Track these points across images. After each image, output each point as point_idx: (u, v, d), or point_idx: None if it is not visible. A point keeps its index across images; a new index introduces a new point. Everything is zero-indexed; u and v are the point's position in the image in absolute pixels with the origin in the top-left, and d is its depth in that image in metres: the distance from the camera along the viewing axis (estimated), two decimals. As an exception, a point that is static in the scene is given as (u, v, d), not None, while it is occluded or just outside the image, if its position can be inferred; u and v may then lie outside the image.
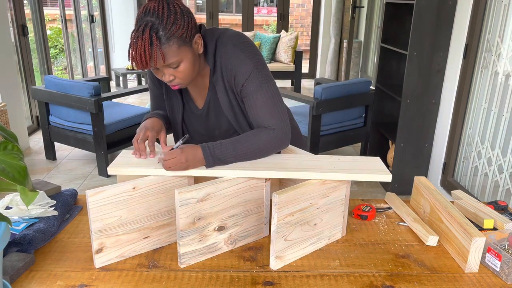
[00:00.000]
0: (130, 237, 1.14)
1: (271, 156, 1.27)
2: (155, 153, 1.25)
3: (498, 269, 1.08)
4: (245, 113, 1.35)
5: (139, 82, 6.78)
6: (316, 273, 1.09)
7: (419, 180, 1.40)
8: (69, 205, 1.39)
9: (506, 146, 2.45)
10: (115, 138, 3.58)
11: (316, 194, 1.14)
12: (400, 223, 1.34)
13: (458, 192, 1.46)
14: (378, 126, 3.61)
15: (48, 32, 6.72)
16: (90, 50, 6.77)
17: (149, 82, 1.44)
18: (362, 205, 1.38)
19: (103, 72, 7.14)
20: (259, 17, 10.49)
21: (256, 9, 10.13)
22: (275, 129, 1.25)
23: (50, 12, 7.34)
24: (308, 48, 7.76)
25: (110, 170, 1.17)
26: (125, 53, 6.91)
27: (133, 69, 6.32)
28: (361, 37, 6.16)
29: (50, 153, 3.85)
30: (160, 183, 1.15)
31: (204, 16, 7.40)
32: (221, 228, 1.15)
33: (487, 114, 2.62)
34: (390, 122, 3.56)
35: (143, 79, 6.82)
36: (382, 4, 3.62)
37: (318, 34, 7.30)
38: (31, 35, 4.88)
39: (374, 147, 3.68)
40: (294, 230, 1.12)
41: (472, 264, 1.10)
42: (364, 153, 3.89)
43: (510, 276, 1.06)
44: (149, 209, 1.15)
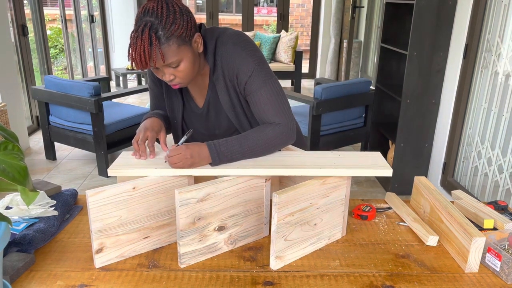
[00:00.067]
0: (130, 237, 1.14)
1: (271, 154, 1.27)
2: (155, 154, 1.25)
3: (498, 269, 1.08)
4: (246, 112, 1.35)
5: (139, 82, 6.78)
6: (316, 273, 1.09)
7: (419, 180, 1.40)
8: (69, 205, 1.39)
9: (506, 146, 2.45)
10: (115, 138, 3.58)
11: (316, 194, 1.14)
12: (400, 223, 1.35)
13: (458, 192, 1.46)
14: (378, 126, 3.61)
15: (48, 32, 6.72)
16: (90, 50, 6.77)
17: (149, 81, 1.44)
18: (362, 205, 1.38)
19: (103, 72, 7.15)
20: (259, 17, 10.49)
21: (256, 9, 10.12)
22: (281, 125, 1.25)
23: (50, 12, 7.34)
24: (308, 48, 7.76)
25: (111, 172, 1.17)
26: (125, 53, 6.90)
27: (133, 69, 6.32)
28: (361, 37, 6.16)
29: (50, 153, 3.85)
30: (160, 183, 1.15)
31: (204, 16, 7.40)
32: (221, 228, 1.15)
33: (487, 114, 2.62)
34: (390, 122, 3.56)
35: (143, 79, 6.82)
36: (382, 4, 3.62)
37: (318, 34, 7.30)
38: (31, 35, 4.88)
39: (374, 147, 3.68)
40: (294, 230, 1.12)
41: (472, 264, 1.10)
42: (364, 153, 3.89)
43: (510, 276, 1.06)
44: (149, 209, 1.15)
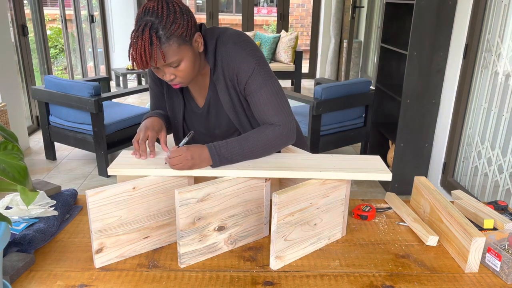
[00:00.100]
0: (130, 237, 1.14)
1: (271, 156, 1.27)
2: (155, 153, 1.25)
3: (498, 269, 1.08)
4: (247, 112, 1.35)
5: (139, 82, 6.78)
6: (316, 273, 1.09)
7: (419, 180, 1.40)
8: (69, 205, 1.39)
9: (506, 146, 2.45)
10: (115, 138, 3.58)
11: (316, 194, 1.14)
12: (400, 223, 1.34)
13: (458, 192, 1.46)
14: (378, 126, 3.61)
15: (48, 32, 6.72)
16: (90, 50, 6.77)
17: (150, 81, 1.44)
18: (362, 205, 1.38)
19: (103, 72, 7.15)
20: (259, 17, 10.49)
21: (256, 9, 10.13)
22: (281, 125, 1.25)
23: (50, 12, 7.34)
24: (308, 48, 7.76)
25: (110, 171, 1.17)
26: (125, 53, 6.91)
27: (133, 69, 6.32)
28: (361, 37, 6.16)
29: (50, 153, 3.85)
30: (160, 183, 1.15)
31: (204, 16, 7.40)
32: (221, 228, 1.15)
33: (487, 114, 2.62)
34: (390, 122, 3.56)
35: (143, 79, 6.82)
36: (382, 4, 3.62)
37: (318, 34, 7.30)
38: (31, 35, 4.88)
39: (374, 147, 3.68)
40: (294, 230, 1.12)
41: (472, 264, 1.10)
42: (364, 153, 3.89)
43: (510, 276, 1.06)
44: (149, 209, 1.15)
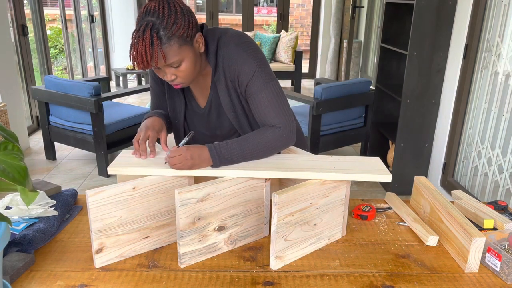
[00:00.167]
0: (130, 237, 1.14)
1: (271, 156, 1.27)
2: (155, 153, 1.25)
3: (498, 269, 1.08)
4: (247, 113, 1.35)
5: (139, 82, 6.78)
6: (316, 273, 1.09)
7: (419, 180, 1.40)
8: (69, 205, 1.39)
9: (506, 146, 2.44)
10: (115, 138, 3.58)
11: (316, 194, 1.14)
12: (400, 223, 1.34)
13: (458, 192, 1.46)
14: (378, 126, 3.61)
15: (48, 32, 6.72)
16: (90, 50, 6.77)
17: (150, 80, 1.44)
18: (362, 205, 1.38)
19: (103, 72, 7.15)
20: (259, 17, 10.49)
21: (256, 9, 10.13)
22: (281, 128, 1.26)
23: (50, 12, 7.34)
24: (308, 48, 7.76)
25: (110, 170, 1.17)
26: (125, 53, 6.91)
27: (133, 69, 6.32)
28: (361, 37, 6.16)
29: (50, 153, 3.85)
30: (160, 183, 1.15)
31: (204, 16, 7.40)
32: (221, 228, 1.15)
33: (487, 114, 2.62)
34: (390, 122, 3.56)
35: (143, 79, 6.82)
36: (382, 4, 3.62)
37: (318, 34, 7.30)
38: (31, 35, 4.88)
39: (374, 147, 3.68)
40: (294, 230, 1.12)
41: (472, 264, 1.10)
42: (364, 153, 3.89)
43: (510, 276, 1.06)
44: (149, 209, 1.15)
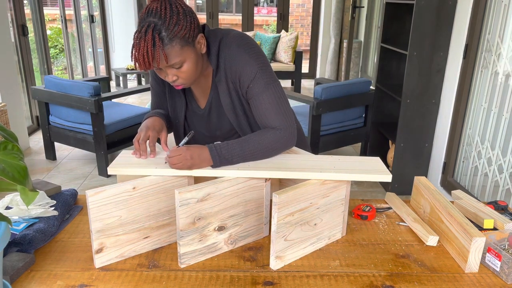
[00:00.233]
0: (130, 237, 1.14)
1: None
2: (156, 153, 1.25)
3: (498, 269, 1.08)
4: (247, 115, 1.35)
5: (139, 82, 6.78)
6: (316, 273, 1.09)
7: (419, 180, 1.40)
8: (69, 205, 1.39)
9: (506, 146, 2.44)
10: (115, 138, 3.58)
11: (316, 194, 1.14)
12: (400, 223, 1.34)
13: (458, 192, 1.46)
14: (378, 126, 3.61)
15: (48, 32, 6.72)
16: (90, 50, 6.77)
17: (151, 80, 1.44)
18: (362, 205, 1.38)
19: (103, 72, 7.15)
20: (259, 17, 10.49)
21: (256, 9, 10.13)
22: (281, 129, 1.26)
23: (50, 12, 7.34)
24: (308, 48, 7.76)
25: (110, 170, 1.17)
26: (125, 53, 6.89)
27: (133, 69, 6.31)
28: (361, 37, 6.16)
29: (50, 153, 3.85)
30: (160, 183, 1.15)
31: (204, 16, 7.40)
32: (221, 228, 1.15)
33: (487, 114, 2.62)
34: (390, 122, 3.56)
35: (143, 79, 6.82)
36: (382, 4, 3.62)
37: (318, 34, 7.30)
38: (31, 35, 4.88)
39: (374, 147, 3.68)
40: (294, 230, 1.12)
41: (472, 264, 1.10)
42: (364, 153, 3.90)
43: (510, 276, 1.06)
44: (149, 209, 1.15)
